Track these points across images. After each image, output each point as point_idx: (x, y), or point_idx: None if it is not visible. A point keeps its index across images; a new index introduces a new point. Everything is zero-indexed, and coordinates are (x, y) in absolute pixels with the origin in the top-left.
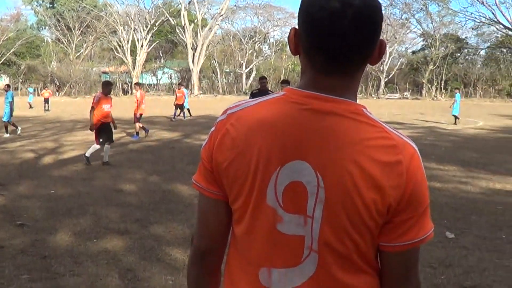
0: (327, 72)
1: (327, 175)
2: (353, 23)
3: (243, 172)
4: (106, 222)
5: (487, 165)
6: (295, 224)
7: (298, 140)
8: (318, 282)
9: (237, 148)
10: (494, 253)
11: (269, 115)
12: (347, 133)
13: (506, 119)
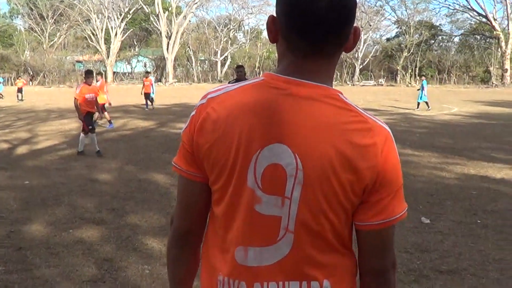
0: (305, 54)
1: (306, 158)
2: (329, 4)
3: (224, 154)
4: (81, 212)
5: (462, 151)
6: (273, 205)
7: (277, 124)
8: (292, 261)
9: (218, 131)
10: (469, 237)
11: (249, 100)
12: (325, 117)
13: (480, 105)
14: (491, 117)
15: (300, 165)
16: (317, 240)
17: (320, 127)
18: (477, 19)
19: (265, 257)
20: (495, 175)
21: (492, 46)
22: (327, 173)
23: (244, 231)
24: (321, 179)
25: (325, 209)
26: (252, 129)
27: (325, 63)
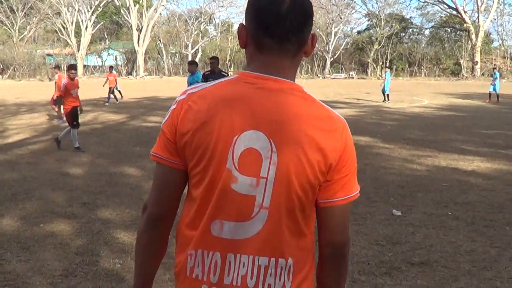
0: (272, 54)
1: (279, 142)
2: (290, 9)
3: (205, 141)
4: (52, 206)
5: (432, 143)
6: (248, 185)
7: (253, 113)
8: (264, 238)
9: (199, 120)
10: (440, 229)
11: (227, 93)
12: (294, 107)
13: (450, 98)
14: (462, 109)
15: (274, 148)
16: (287, 218)
17: (291, 115)
18: (447, 11)
19: (239, 232)
20: (466, 167)
21: (462, 38)
22: (298, 155)
23: (220, 207)
24: (293, 161)
25: (296, 188)
26: (230, 118)
27: (289, 62)
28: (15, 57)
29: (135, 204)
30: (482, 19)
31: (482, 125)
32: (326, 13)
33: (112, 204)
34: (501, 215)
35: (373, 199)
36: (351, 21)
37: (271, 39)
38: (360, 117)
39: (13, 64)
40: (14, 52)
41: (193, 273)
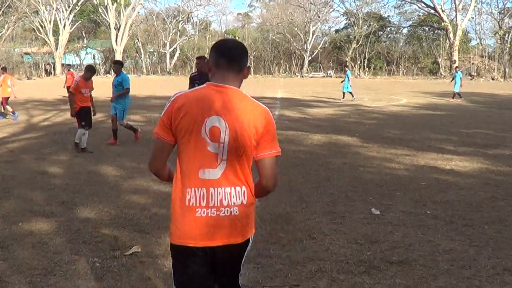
0: (224, 69)
1: (230, 121)
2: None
3: (188, 122)
4: (31, 205)
5: (411, 142)
6: (215, 147)
7: (215, 105)
8: (227, 176)
9: (184, 110)
10: (419, 228)
11: (199, 94)
12: (238, 102)
13: (428, 96)
14: (440, 108)
15: (227, 125)
16: (238, 163)
17: (235, 106)
18: (425, 10)
19: (213, 174)
20: (444, 166)
21: (440, 37)
22: (241, 128)
23: (203, 161)
24: (238, 131)
25: (240, 147)
26: (202, 108)
27: (233, 77)
28: None
29: (114, 203)
30: (460, 18)
31: (460, 124)
32: (304, 11)
33: (91, 203)
34: (479, 214)
35: (352, 198)
36: (329, 20)
37: (224, 59)
38: (338, 116)
39: None
40: None
41: (190, 203)
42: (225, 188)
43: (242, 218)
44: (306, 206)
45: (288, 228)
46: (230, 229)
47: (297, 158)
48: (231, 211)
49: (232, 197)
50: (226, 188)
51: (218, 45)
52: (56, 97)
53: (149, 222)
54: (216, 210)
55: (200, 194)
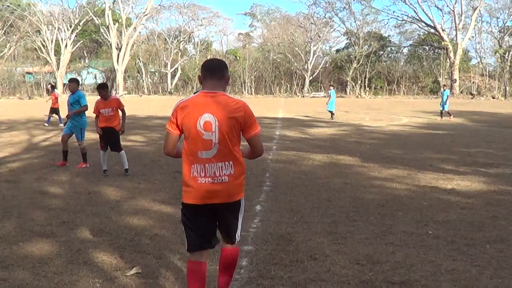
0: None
1: (217, 116)
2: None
3: (188, 119)
4: (31, 225)
5: (412, 162)
6: (208, 135)
7: (207, 106)
8: (219, 155)
9: (185, 112)
10: (420, 248)
11: (195, 99)
12: (223, 102)
13: (429, 116)
14: (441, 127)
15: (216, 119)
16: (227, 146)
17: (221, 105)
18: (425, 30)
19: (208, 154)
20: (446, 185)
21: (440, 56)
22: (226, 120)
23: (201, 145)
24: (224, 123)
25: (227, 133)
26: (197, 110)
27: (217, 84)
28: None
29: (114, 223)
30: (460, 37)
31: (461, 143)
32: (305, 31)
33: (92, 223)
34: (481, 234)
35: (353, 218)
36: (330, 40)
37: (208, 72)
38: (339, 136)
39: None
40: None
41: (193, 174)
42: (217, 163)
43: (230, 184)
44: (308, 227)
45: (290, 248)
46: (222, 192)
47: (298, 179)
48: (222, 179)
49: (222, 169)
50: (218, 163)
51: (204, 64)
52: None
53: (150, 243)
54: (211, 179)
55: (200, 168)
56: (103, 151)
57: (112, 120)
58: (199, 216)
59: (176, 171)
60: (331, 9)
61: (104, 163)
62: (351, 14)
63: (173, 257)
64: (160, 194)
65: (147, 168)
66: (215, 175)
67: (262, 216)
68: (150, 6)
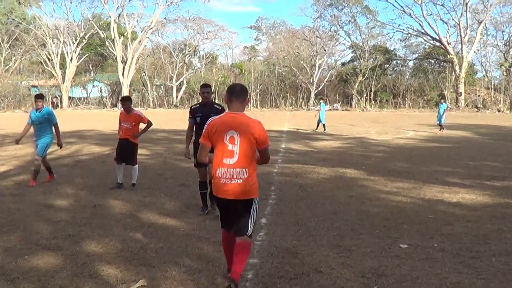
0: (234, 102)
1: (240, 132)
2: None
3: (217, 135)
4: (37, 238)
5: (417, 175)
6: (232, 147)
7: (232, 124)
8: (239, 162)
9: (215, 128)
10: (426, 261)
11: (223, 119)
12: (244, 122)
13: (435, 129)
14: (446, 140)
15: (238, 135)
16: (246, 155)
17: (243, 125)
18: (431, 43)
19: (230, 161)
20: (451, 198)
21: (446, 70)
22: (245, 136)
23: (226, 154)
24: (244, 138)
25: (246, 147)
26: (224, 127)
27: (239, 105)
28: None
29: (120, 236)
30: (465, 50)
31: (466, 156)
32: (310, 45)
33: (97, 236)
34: (487, 247)
35: (359, 231)
36: (335, 53)
37: (232, 96)
38: (345, 149)
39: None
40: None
41: (218, 175)
42: (236, 169)
43: (243, 186)
44: (313, 240)
45: (295, 261)
46: (235, 191)
47: (304, 192)
48: (237, 181)
49: (238, 174)
50: (236, 169)
51: (229, 89)
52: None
53: (155, 256)
54: (229, 180)
55: (223, 171)
56: (119, 165)
57: (127, 134)
58: (220, 205)
59: (181, 184)
60: (337, 22)
61: (119, 176)
62: (357, 28)
63: (178, 270)
64: (166, 207)
65: (152, 181)
66: (232, 177)
67: (268, 229)
68: (155, 19)
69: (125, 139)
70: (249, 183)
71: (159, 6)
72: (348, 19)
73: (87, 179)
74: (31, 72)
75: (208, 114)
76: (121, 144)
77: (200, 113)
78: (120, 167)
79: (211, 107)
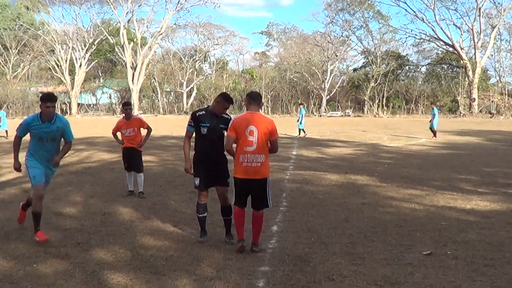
0: (252, 105)
1: (258, 127)
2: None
3: (240, 129)
4: (46, 246)
5: (430, 181)
6: (251, 138)
7: (251, 120)
8: (257, 149)
9: (239, 124)
10: (439, 269)
11: (244, 117)
12: (261, 119)
13: (448, 135)
14: (459, 147)
15: (256, 129)
16: (262, 144)
17: (260, 121)
18: (443, 48)
19: (250, 149)
20: (465, 205)
21: (459, 75)
22: (262, 130)
23: (247, 144)
24: (261, 131)
25: (262, 137)
26: (245, 123)
27: (256, 107)
28: (8, 94)
29: (130, 244)
30: (479, 55)
31: (480, 162)
32: (322, 50)
33: (107, 244)
34: (501, 254)
35: (371, 239)
36: (347, 59)
37: (252, 100)
38: (356, 155)
39: (6, 102)
40: (8, 89)
41: (240, 160)
42: (255, 155)
43: (261, 168)
44: (325, 247)
45: (307, 269)
46: (255, 172)
47: (315, 199)
48: (256, 164)
49: (257, 158)
50: (255, 155)
51: (249, 94)
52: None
53: (166, 264)
54: (250, 163)
55: (244, 157)
56: (128, 172)
57: (134, 141)
58: (240, 185)
59: (191, 192)
60: (348, 27)
61: (130, 184)
62: (369, 33)
63: (189, 278)
64: (176, 215)
65: (162, 188)
66: (252, 161)
67: (279, 236)
68: (165, 25)
69: (130, 147)
70: (265, 166)
71: (169, 12)
72: (360, 24)
73: (97, 186)
74: (40, 78)
75: (216, 126)
76: (127, 153)
77: (208, 123)
78: (130, 175)
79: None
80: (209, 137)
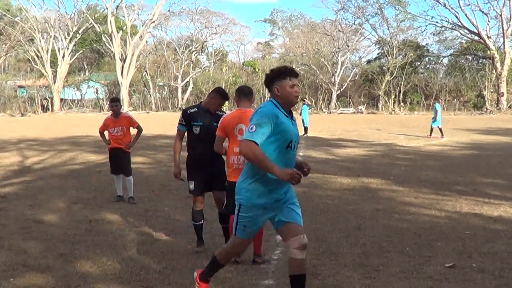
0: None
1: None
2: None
3: (229, 127)
4: (24, 258)
5: (453, 186)
6: (241, 138)
7: (241, 119)
8: None
9: (227, 122)
10: (463, 283)
11: (233, 115)
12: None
13: (472, 134)
14: (486, 147)
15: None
16: None
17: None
18: (468, 37)
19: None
20: (492, 212)
21: (485, 67)
22: None
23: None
24: None
25: None
26: (234, 121)
27: (247, 103)
28: None
29: (118, 255)
30: (508, 45)
31: (509, 164)
32: (332, 40)
33: (93, 255)
34: None
35: (386, 249)
36: (360, 49)
37: (242, 96)
38: (370, 156)
39: None
40: None
41: (231, 162)
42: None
43: None
44: (335, 258)
45: (315, 283)
46: None
47: (324, 204)
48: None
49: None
50: None
51: (239, 89)
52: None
53: (158, 277)
54: (242, 165)
55: (235, 159)
56: (116, 176)
57: (122, 141)
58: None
59: (187, 197)
60: (361, 14)
61: (118, 189)
62: (384, 21)
63: None
64: (170, 223)
65: (155, 193)
66: (241, 164)
67: (284, 246)
68: (158, 12)
69: (117, 148)
70: None
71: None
72: (375, 10)
73: (82, 191)
74: (18, 70)
75: (209, 125)
76: (114, 154)
77: (201, 122)
78: (118, 178)
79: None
80: (203, 137)
